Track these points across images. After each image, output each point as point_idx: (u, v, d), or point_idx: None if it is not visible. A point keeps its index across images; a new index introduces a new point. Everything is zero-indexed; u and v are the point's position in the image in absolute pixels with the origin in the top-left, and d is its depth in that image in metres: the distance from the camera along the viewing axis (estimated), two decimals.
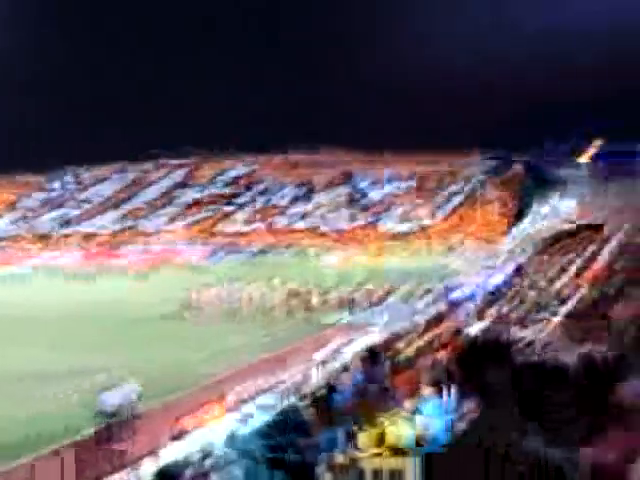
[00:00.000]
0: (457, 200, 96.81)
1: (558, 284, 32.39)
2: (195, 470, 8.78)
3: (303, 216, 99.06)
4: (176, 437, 17.71)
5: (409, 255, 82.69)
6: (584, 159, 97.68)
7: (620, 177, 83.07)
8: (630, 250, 36.03)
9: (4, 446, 18.83)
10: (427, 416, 5.17)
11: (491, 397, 2.88)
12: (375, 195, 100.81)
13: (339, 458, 4.92)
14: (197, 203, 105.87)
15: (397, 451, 4.83)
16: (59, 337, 35.20)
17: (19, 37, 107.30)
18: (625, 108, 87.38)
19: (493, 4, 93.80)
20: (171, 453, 15.34)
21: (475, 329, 12.48)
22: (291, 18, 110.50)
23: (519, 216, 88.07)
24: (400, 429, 4.98)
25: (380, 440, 4.92)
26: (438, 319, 23.19)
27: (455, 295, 35.89)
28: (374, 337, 26.36)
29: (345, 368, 18.47)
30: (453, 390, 4.51)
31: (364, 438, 4.98)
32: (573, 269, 37.60)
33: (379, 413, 4.90)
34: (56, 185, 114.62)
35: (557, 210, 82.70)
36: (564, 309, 21.56)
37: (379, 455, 4.75)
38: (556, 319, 18.91)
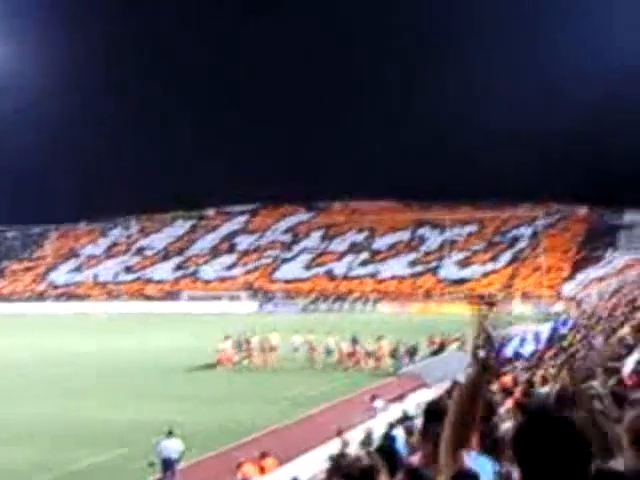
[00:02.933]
0: (519, 246, 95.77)
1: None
2: None
3: (362, 263, 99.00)
4: None
5: (468, 303, 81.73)
6: None
7: None
8: None
9: None
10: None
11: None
12: (434, 242, 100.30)
13: None
14: (255, 250, 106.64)
15: None
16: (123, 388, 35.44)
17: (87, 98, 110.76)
18: None
19: None
20: None
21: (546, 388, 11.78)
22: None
23: (582, 263, 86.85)
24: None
25: None
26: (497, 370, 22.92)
27: (514, 345, 35.35)
28: (432, 390, 26.13)
29: (403, 419, 18.41)
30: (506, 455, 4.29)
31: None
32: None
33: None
34: (116, 233, 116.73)
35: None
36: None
37: None
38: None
